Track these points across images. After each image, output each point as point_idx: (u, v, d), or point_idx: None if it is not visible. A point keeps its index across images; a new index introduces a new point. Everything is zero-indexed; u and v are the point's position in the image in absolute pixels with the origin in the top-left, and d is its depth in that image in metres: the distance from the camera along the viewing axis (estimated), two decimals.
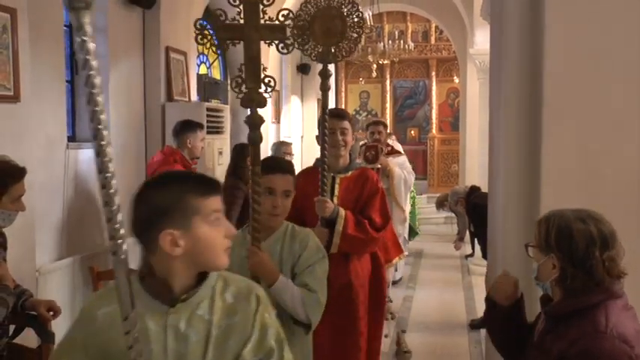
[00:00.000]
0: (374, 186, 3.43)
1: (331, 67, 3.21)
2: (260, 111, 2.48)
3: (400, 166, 6.10)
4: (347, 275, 3.28)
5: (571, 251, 1.88)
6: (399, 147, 7.15)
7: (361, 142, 6.22)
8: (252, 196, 2.42)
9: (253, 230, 2.42)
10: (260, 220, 2.43)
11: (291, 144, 7.17)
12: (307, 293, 2.41)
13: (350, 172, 3.43)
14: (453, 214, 6.88)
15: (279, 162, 2.81)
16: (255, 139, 2.47)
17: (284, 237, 2.53)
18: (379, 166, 5.70)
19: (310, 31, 2.90)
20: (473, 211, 5.88)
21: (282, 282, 2.39)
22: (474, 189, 6.14)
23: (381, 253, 3.78)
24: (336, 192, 3.34)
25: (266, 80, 2.46)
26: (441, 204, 6.82)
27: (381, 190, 3.44)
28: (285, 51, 2.54)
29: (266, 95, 2.45)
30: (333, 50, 2.99)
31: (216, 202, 1.57)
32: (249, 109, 2.47)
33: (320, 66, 3.08)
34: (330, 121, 3.26)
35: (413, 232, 7.74)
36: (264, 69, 2.46)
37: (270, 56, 9.22)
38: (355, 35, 2.99)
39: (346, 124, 3.46)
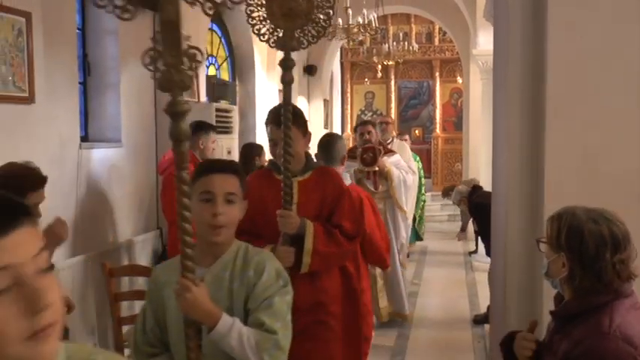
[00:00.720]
0: (337, 186, 2.90)
1: (337, 68, 3.16)
2: (265, 111, 2.25)
3: (395, 165, 5.70)
4: (314, 294, 2.77)
5: (581, 252, 1.83)
6: (404, 147, 6.82)
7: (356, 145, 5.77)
8: (179, 212, 1.69)
9: (183, 258, 1.73)
10: (196, 241, 1.79)
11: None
12: (263, 336, 1.84)
13: (308, 174, 2.87)
14: (456, 213, 6.97)
15: (217, 161, 2.26)
16: (177, 132, 1.76)
17: (234, 262, 1.95)
18: (377, 168, 5.43)
19: (268, 12, 2.39)
20: (475, 210, 5.86)
21: (225, 325, 1.80)
22: (476, 188, 6.12)
23: (370, 259, 3.58)
24: (295, 198, 2.71)
25: (190, 53, 1.70)
26: (446, 193, 7.05)
27: (347, 191, 2.93)
28: (211, 12, 1.76)
29: (190, 73, 1.72)
30: (296, 35, 2.45)
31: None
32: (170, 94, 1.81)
33: (328, 65, 2.96)
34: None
35: (416, 236, 7.61)
36: (187, 38, 1.72)
37: (278, 58, 9.24)
38: (323, 17, 2.44)
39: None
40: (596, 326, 1.78)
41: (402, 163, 5.79)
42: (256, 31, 2.37)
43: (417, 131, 15.47)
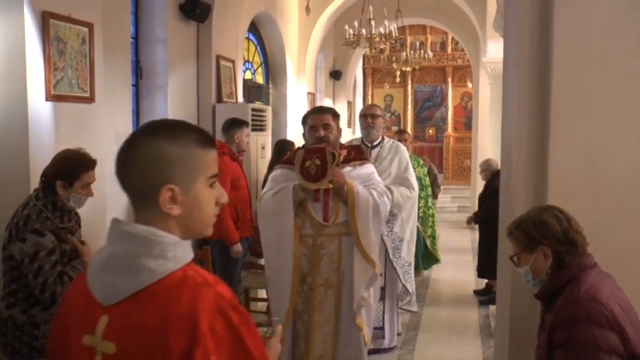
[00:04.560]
0: None
1: (359, 73, 3.07)
2: (295, 111, 2.36)
3: (363, 181, 3.19)
4: None
5: (553, 233, 1.95)
6: (399, 151, 4.28)
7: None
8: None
9: None
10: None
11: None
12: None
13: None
14: (465, 205, 6.78)
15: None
16: None
17: None
18: (330, 186, 3.03)
19: None
20: (491, 192, 5.50)
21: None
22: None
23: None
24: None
25: None
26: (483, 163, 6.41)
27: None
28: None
29: None
30: None
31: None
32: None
33: (352, 70, 3.00)
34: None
35: (432, 259, 6.24)
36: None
37: (307, 64, 9.23)
38: None
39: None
40: (570, 295, 1.87)
41: (375, 179, 3.29)
42: None
43: (430, 131, 15.40)
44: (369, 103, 15.66)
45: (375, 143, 4.32)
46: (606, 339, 1.74)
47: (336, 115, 3.21)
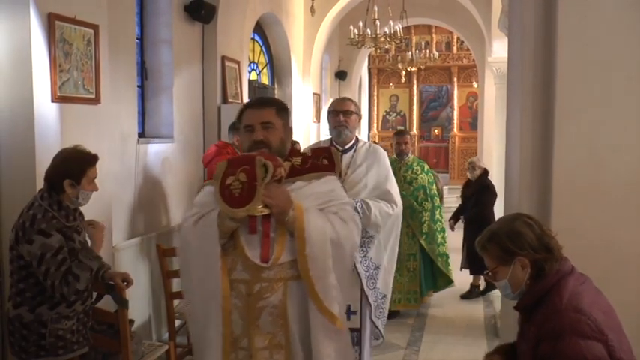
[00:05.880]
0: None
1: (365, 73, 2.96)
2: (301, 112, 2.22)
3: (321, 200, 2.20)
4: None
5: (528, 242, 1.88)
6: (376, 156, 3.43)
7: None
8: None
9: None
10: None
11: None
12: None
13: None
14: None
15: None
16: None
17: None
18: (265, 211, 2.04)
19: None
20: (480, 187, 5.96)
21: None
22: (487, 172, 6.24)
23: None
24: None
25: None
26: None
27: None
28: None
29: None
30: None
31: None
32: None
33: (358, 70, 2.96)
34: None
35: (445, 279, 5.49)
36: None
37: (312, 65, 9.25)
38: None
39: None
40: (552, 306, 1.82)
41: (338, 198, 2.25)
42: None
43: (436, 130, 15.39)
44: (375, 103, 15.65)
45: (347, 147, 3.41)
46: (592, 349, 1.71)
47: (282, 110, 2.25)
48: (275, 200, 2.05)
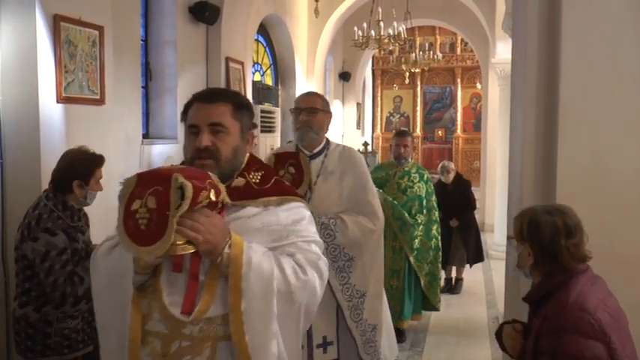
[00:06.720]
0: None
1: (369, 74, 2.91)
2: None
3: (277, 235, 1.63)
4: None
5: (539, 239, 1.92)
6: (351, 159, 2.90)
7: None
8: None
9: None
10: None
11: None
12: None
13: None
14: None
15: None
16: None
17: None
18: (190, 249, 1.44)
19: None
20: (459, 183, 6.14)
21: None
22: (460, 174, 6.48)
23: None
24: None
25: None
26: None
27: None
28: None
29: None
30: None
31: None
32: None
33: (361, 71, 2.92)
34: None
35: (430, 303, 4.83)
36: None
37: (316, 66, 9.26)
38: None
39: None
40: (558, 302, 1.84)
41: (303, 234, 1.67)
42: None
43: (440, 132, 15.37)
44: (379, 104, 15.62)
45: (316, 151, 2.86)
46: (592, 349, 1.72)
47: (240, 108, 1.69)
48: (203, 234, 1.44)
